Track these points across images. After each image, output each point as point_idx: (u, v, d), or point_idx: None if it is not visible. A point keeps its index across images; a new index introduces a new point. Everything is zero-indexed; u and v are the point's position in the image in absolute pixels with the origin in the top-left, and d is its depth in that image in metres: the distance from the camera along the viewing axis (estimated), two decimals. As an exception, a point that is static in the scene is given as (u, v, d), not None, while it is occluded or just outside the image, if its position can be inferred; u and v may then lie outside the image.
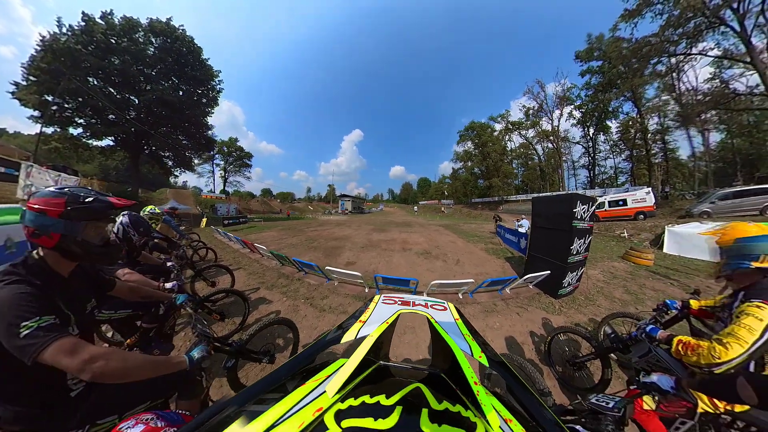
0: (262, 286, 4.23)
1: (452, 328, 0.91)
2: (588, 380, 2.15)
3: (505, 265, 6.24)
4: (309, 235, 10.97)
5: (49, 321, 0.74)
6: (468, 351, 0.73)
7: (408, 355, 2.44)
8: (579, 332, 2.18)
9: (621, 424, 1.00)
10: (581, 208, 3.77)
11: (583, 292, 4.21)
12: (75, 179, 11.09)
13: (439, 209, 42.99)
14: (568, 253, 3.72)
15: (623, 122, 28.48)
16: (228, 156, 47.53)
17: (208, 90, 23.91)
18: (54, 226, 0.83)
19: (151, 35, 20.63)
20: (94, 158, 23.62)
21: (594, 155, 33.42)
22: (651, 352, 1.61)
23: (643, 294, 4.26)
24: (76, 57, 16.78)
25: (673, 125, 23.62)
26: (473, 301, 3.80)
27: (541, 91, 34.53)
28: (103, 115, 18.91)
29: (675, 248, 7.47)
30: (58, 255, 0.87)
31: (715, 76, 18.31)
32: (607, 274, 5.35)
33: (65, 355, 0.72)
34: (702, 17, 14.66)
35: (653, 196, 13.95)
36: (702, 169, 24.98)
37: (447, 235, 11.37)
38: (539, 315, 3.39)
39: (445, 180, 57.88)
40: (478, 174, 42.09)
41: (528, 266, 4.70)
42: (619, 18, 17.38)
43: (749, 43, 14.07)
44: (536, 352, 2.55)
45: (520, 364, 1.55)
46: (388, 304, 1.12)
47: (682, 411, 1.22)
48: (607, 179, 33.59)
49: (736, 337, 1.04)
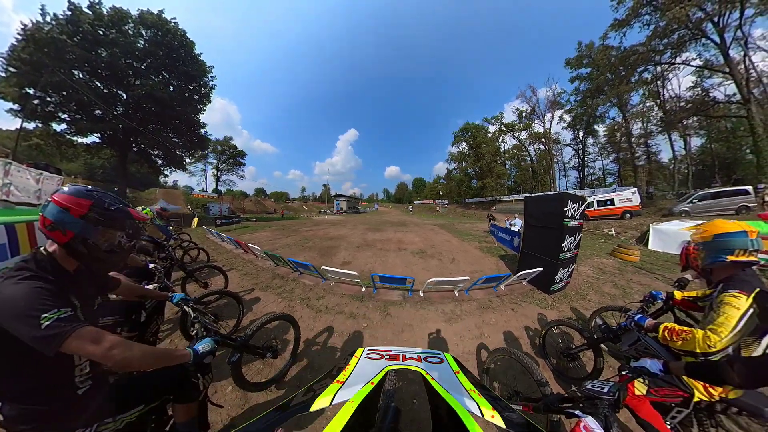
0: (257, 287, 4.16)
1: (452, 383, 0.78)
2: (582, 370, 2.23)
3: (499, 262, 6.37)
4: (304, 235, 10.88)
5: (68, 312, 0.75)
6: (476, 411, 0.60)
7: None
8: (571, 325, 2.26)
9: (616, 406, 1.05)
10: (571, 207, 3.89)
11: (574, 287, 4.36)
12: (58, 178, 10.56)
13: (434, 209, 43.35)
14: (560, 250, 3.84)
15: (610, 126, 29.81)
16: (221, 154, 46.52)
17: (200, 86, 23.22)
18: (72, 224, 0.84)
19: (142, 27, 19.84)
20: (79, 156, 22.54)
21: (583, 157, 34.61)
22: (640, 340, 1.69)
23: (630, 288, 4.43)
24: (61, 48, 15.94)
25: (656, 130, 25.14)
26: (469, 298, 3.86)
27: (533, 95, 35.50)
28: (89, 110, 18.13)
29: (659, 245, 7.90)
30: (65, 252, 0.89)
31: (697, 85, 19.63)
32: (596, 270, 5.54)
33: (89, 342, 0.74)
34: (686, 29, 15.71)
35: (639, 196, 14.68)
36: (683, 171, 26.41)
37: (442, 234, 11.48)
38: (533, 310, 3.48)
39: (439, 180, 58.32)
40: (472, 174, 42.61)
41: (521, 263, 4.81)
42: (609, 27, 18.31)
43: (728, 54, 15.14)
44: (531, 346, 2.62)
45: (517, 357, 1.58)
46: (373, 358, 0.98)
47: (678, 400, 1.28)
48: (595, 180, 34.80)
49: (720, 325, 1.12)
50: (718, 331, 1.11)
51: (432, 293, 4.00)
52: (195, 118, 23.83)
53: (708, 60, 17.20)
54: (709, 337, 1.12)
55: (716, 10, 14.31)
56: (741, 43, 14.79)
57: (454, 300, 3.75)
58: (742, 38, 14.64)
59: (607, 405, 1.03)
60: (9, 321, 0.69)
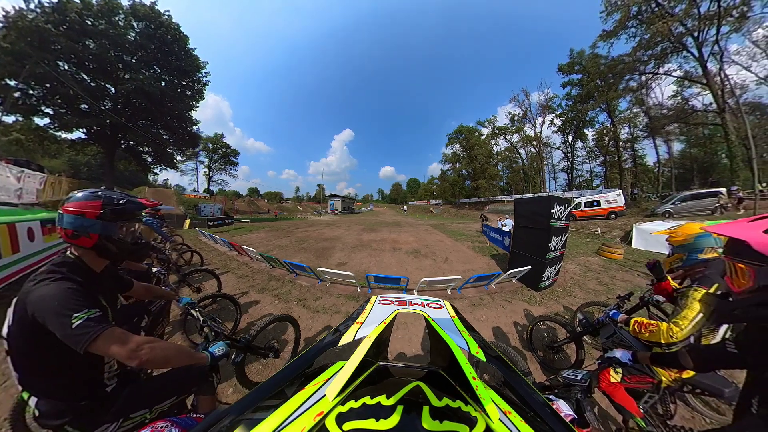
0: (252, 290, 4.12)
1: (449, 326, 0.94)
2: (566, 362, 2.38)
3: (490, 261, 6.56)
4: (299, 236, 10.83)
5: (97, 313, 0.79)
6: (465, 347, 0.75)
7: (402, 350, 2.52)
8: (556, 320, 2.42)
9: (588, 391, 1.17)
10: (558, 209, 4.08)
11: (561, 284, 4.56)
12: (40, 176, 10.13)
13: (428, 209, 43.89)
14: (547, 249, 4.02)
15: (598, 131, 30.95)
16: (213, 153, 45.34)
17: (193, 82, 22.57)
18: (93, 227, 0.89)
19: (133, 19, 19.07)
20: (63, 152, 21.71)
21: (572, 160, 35.73)
22: (616, 333, 1.84)
23: (614, 285, 4.67)
24: (45, 37, 15.15)
25: (642, 135, 26.43)
26: (461, 296, 3.99)
27: (526, 99, 36.47)
28: (75, 104, 17.33)
29: (642, 243, 8.35)
30: (95, 254, 0.93)
31: (678, 94, 20.99)
32: (582, 268, 5.80)
33: (116, 343, 0.77)
34: (668, 42, 16.89)
35: (623, 198, 15.54)
36: (666, 174, 27.99)
37: (436, 235, 11.65)
38: (522, 306, 3.64)
39: (433, 181, 58.79)
40: (466, 175, 43.26)
41: (511, 262, 4.99)
42: (598, 37, 19.35)
43: (705, 67, 16.34)
44: (520, 340, 2.77)
45: (503, 349, 1.68)
46: (385, 304, 1.13)
47: (649, 386, 1.42)
48: (583, 182, 35.94)
49: (684, 318, 1.25)
50: (680, 324, 1.24)
51: (426, 292, 4.10)
52: (187, 115, 23.22)
53: (688, 71, 18.50)
54: (671, 329, 1.25)
55: (696, 26, 15.47)
56: (717, 57, 15.96)
57: (447, 298, 3.86)
58: (718, 52, 15.82)
59: (579, 390, 1.15)
60: (46, 317, 0.74)
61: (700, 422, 1.72)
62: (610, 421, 1.68)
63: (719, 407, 1.75)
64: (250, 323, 3.02)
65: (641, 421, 1.32)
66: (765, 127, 20.69)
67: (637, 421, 1.32)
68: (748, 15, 14.83)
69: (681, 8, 15.74)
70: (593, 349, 2.52)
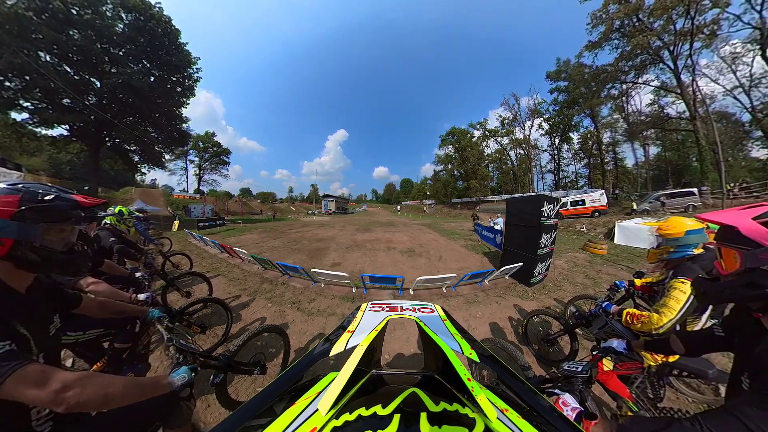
0: (244, 293, 3.97)
1: (441, 329, 0.92)
2: (560, 353, 2.45)
3: (483, 259, 6.67)
4: (292, 237, 10.67)
5: (5, 348, 0.61)
6: (458, 349, 0.75)
7: (400, 350, 2.49)
8: (549, 314, 2.49)
9: (589, 382, 1.21)
10: (547, 208, 4.23)
11: (551, 279, 4.72)
12: (17, 175, 9.58)
13: (422, 209, 44.37)
14: (538, 246, 4.15)
15: (583, 135, 33.03)
16: (204, 152, 43.78)
17: (184, 78, 21.63)
18: (5, 229, 0.68)
19: (122, 10, 18.05)
20: (43, 150, 20.39)
21: (559, 162, 37.50)
22: (607, 324, 1.91)
23: (600, 278, 4.88)
24: (25, 25, 14.04)
25: (622, 139, 28.54)
26: (456, 294, 4.03)
27: (516, 103, 37.93)
28: (57, 98, 16.24)
29: (623, 239, 8.96)
30: (12, 265, 0.71)
31: (654, 102, 23.02)
32: (570, 263, 6.02)
33: (31, 386, 0.59)
34: (647, 54, 18.82)
35: (606, 197, 16.65)
36: (643, 175, 30.01)
37: (429, 234, 11.76)
38: (515, 302, 3.72)
39: (426, 181, 59.44)
40: (458, 176, 44.15)
41: (503, 259, 5.10)
42: (584, 48, 21.18)
43: (679, 78, 18.34)
44: (515, 335, 2.82)
45: (502, 345, 1.72)
46: (376, 311, 1.11)
47: (638, 372, 1.49)
48: (569, 182, 37.60)
49: (668, 307, 1.34)
50: (666, 313, 1.33)
51: (421, 291, 4.13)
52: (177, 112, 22.35)
53: (664, 82, 20.50)
54: (660, 318, 1.34)
55: (671, 40, 17.39)
56: (690, 69, 17.90)
57: (442, 296, 3.90)
58: (691, 65, 17.76)
59: (581, 382, 1.18)
60: None
61: (684, 402, 1.82)
62: (605, 407, 1.74)
63: (699, 387, 1.85)
64: (242, 328, 2.90)
65: (633, 405, 1.38)
66: (731, 134, 22.84)
67: (630, 405, 1.38)
68: (717, 33, 16.67)
69: (659, 23, 17.42)
70: (584, 340, 2.60)
